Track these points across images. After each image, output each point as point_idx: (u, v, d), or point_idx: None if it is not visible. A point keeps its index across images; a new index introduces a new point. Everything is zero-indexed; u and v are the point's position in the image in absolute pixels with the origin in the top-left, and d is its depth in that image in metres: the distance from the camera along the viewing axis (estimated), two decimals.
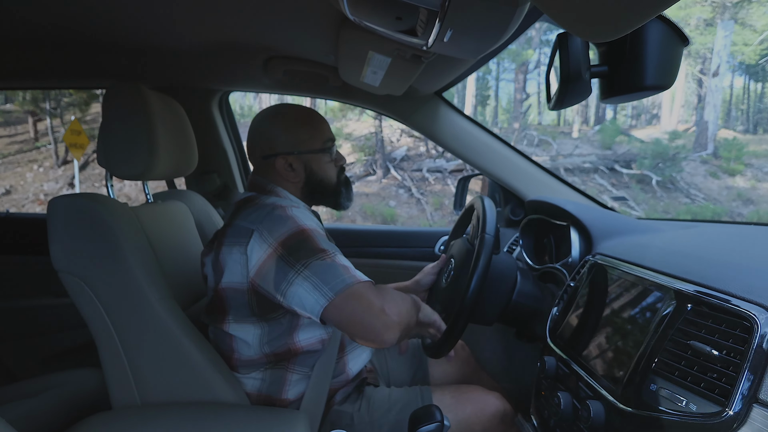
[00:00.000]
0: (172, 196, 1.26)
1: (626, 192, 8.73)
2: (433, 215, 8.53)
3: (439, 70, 1.11)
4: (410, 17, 0.62)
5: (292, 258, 0.81)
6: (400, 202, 8.83)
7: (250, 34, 1.08)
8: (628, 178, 9.07)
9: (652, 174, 8.83)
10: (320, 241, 0.84)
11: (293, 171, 0.98)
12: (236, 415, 0.85)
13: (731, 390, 0.51)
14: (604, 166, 9.35)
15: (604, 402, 0.66)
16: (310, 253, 0.81)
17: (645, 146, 9.67)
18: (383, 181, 9.43)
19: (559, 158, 9.79)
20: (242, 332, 0.91)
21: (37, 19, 0.97)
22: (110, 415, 0.88)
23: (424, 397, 1.00)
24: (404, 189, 9.18)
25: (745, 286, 0.57)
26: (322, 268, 0.80)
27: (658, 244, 0.86)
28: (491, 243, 0.90)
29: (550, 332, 0.90)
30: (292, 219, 0.85)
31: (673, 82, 0.63)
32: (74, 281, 0.86)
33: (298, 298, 0.81)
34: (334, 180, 1.03)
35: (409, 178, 9.38)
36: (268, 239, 0.83)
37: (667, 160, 8.97)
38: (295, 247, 0.82)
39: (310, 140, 0.98)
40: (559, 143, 10.47)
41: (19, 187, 8.50)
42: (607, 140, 10.23)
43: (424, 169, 9.50)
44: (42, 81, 1.60)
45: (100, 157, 0.96)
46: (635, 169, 9.10)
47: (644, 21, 0.34)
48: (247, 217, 0.87)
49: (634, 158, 9.30)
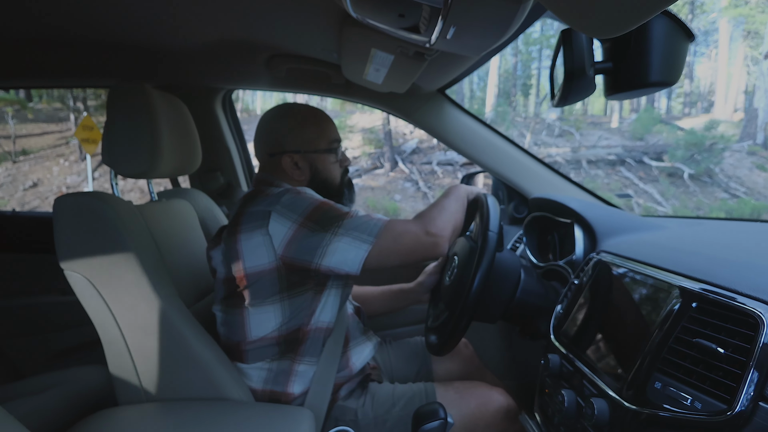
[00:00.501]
0: (176, 195, 1.27)
1: (654, 186, 8.20)
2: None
3: (442, 67, 1.11)
4: (413, 14, 0.62)
5: (322, 226, 0.86)
6: (405, 195, 8.75)
7: (253, 33, 1.08)
8: (657, 171, 8.54)
9: (683, 166, 8.25)
10: (340, 207, 0.90)
11: (299, 169, 1.00)
12: (242, 412, 0.86)
13: (737, 388, 0.50)
14: (632, 159, 8.79)
15: (608, 400, 0.66)
16: (338, 218, 0.87)
17: (685, 136, 8.87)
18: (390, 174, 9.36)
19: (582, 149, 9.39)
20: (260, 314, 0.92)
21: (41, 18, 0.97)
22: (116, 411, 0.88)
23: (428, 393, 1.00)
24: (411, 182, 9.10)
25: (751, 284, 0.57)
26: (354, 224, 0.87)
27: (662, 242, 0.85)
28: (494, 240, 0.89)
29: (553, 330, 0.89)
30: (308, 196, 0.90)
31: (679, 78, 0.62)
32: (79, 279, 0.86)
33: (339, 254, 0.85)
34: (337, 180, 1.05)
35: (417, 172, 9.28)
36: (291, 216, 0.87)
37: (703, 151, 8.31)
38: (322, 217, 0.87)
39: (317, 140, 1.00)
40: (586, 134, 9.97)
41: (46, 180, 8.97)
42: (639, 130, 9.56)
43: (434, 163, 9.39)
44: (46, 80, 1.61)
45: (104, 155, 0.96)
46: (666, 162, 8.51)
47: (649, 17, 0.33)
48: (260, 203, 0.90)
49: (666, 150, 8.70)
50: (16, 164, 9.31)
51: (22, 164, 9.35)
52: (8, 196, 8.50)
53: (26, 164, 9.37)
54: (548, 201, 1.21)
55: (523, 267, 1.03)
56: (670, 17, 0.60)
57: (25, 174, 9.06)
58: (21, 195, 8.53)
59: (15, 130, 9.67)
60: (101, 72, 1.43)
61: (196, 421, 0.83)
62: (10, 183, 8.85)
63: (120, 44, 1.16)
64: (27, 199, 8.45)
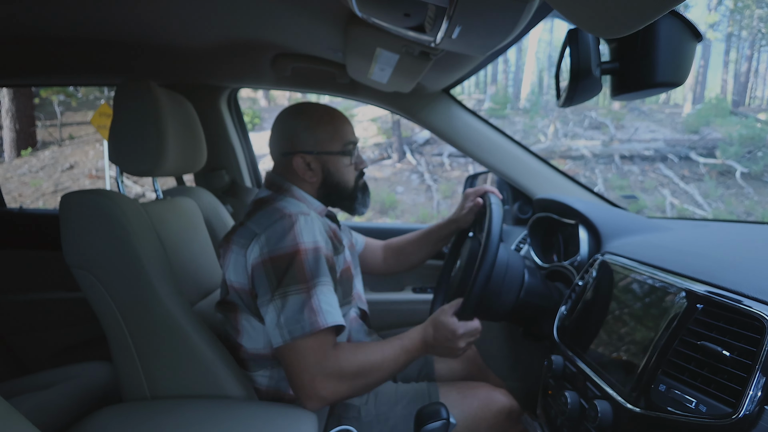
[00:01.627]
0: (181, 193, 1.27)
1: (696, 185, 7.18)
2: (440, 204, 8.03)
3: (448, 67, 1.11)
4: (418, 14, 0.62)
5: (275, 279, 0.82)
6: (409, 188, 8.46)
7: (258, 32, 1.08)
8: (706, 168, 7.51)
9: (736, 164, 7.15)
10: (309, 266, 0.83)
11: (311, 170, 0.97)
12: (245, 410, 0.86)
13: (742, 391, 0.50)
14: (675, 154, 7.77)
15: (611, 402, 0.65)
16: (292, 281, 0.82)
17: (740, 130, 7.61)
18: (398, 165, 9.09)
19: (614, 143, 8.37)
20: (251, 328, 0.92)
21: (49, 16, 0.98)
22: (120, 408, 0.89)
23: (431, 393, 1.00)
24: (418, 174, 8.76)
25: (757, 287, 0.56)
26: (293, 305, 0.81)
27: (668, 244, 0.85)
28: (497, 238, 0.89)
29: (557, 331, 0.89)
30: (293, 235, 0.84)
31: (686, 78, 0.62)
32: (86, 276, 0.87)
33: (267, 321, 0.83)
34: (351, 184, 1.02)
35: (425, 164, 8.92)
36: (264, 248, 0.84)
37: (761, 147, 7.24)
38: (282, 268, 0.82)
39: (330, 141, 0.97)
40: (628, 126, 8.88)
41: (81, 163, 9.41)
42: (695, 123, 8.30)
43: (445, 154, 9.03)
44: (53, 77, 1.62)
45: (111, 153, 0.97)
46: (719, 158, 7.42)
47: (657, 16, 0.33)
48: (257, 220, 0.88)
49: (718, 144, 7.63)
50: (60, 148, 9.93)
51: (66, 148, 9.93)
52: (47, 177, 8.91)
53: (69, 148, 9.96)
54: (553, 202, 1.20)
55: (527, 268, 1.03)
56: (677, 17, 0.59)
57: (66, 157, 9.59)
58: (58, 176, 8.99)
59: (64, 118, 10.41)
60: (108, 70, 1.44)
61: (199, 418, 0.83)
62: (51, 165, 9.31)
63: (128, 43, 1.17)
64: (62, 179, 8.89)
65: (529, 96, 11.64)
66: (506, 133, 1.43)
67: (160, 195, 1.17)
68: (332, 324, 0.81)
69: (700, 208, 6.98)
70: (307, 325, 0.80)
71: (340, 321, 0.83)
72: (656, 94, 0.67)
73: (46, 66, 1.40)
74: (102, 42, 1.16)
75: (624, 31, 0.36)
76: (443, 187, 8.31)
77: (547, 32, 14.31)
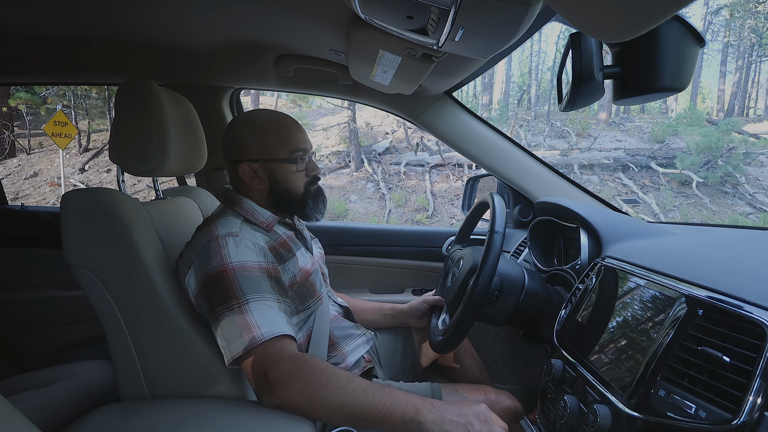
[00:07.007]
0: (182, 193, 1.27)
1: (655, 195, 7.42)
2: (392, 212, 8.10)
3: (450, 69, 1.11)
4: (421, 16, 0.62)
5: (209, 302, 0.83)
6: (362, 196, 8.50)
7: (261, 33, 1.08)
8: (666, 178, 7.73)
9: (692, 174, 7.39)
10: (237, 284, 0.82)
11: (257, 178, 0.97)
12: (243, 410, 0.86)
13: (742, 397, 0.50)
14: (635, 164, 7.98)
15: (611, 406, 0.65)
16: (222, 300, 0.81)
17: (700, 140, 7.63)
18: (354, 174, 9.12)
19: (573, 152, 8.58)
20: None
21: (51, 16, 0.99)
22: (119, 406, 0.89)
23: (434, 393, 1.00)
24: (373, 183, 8.83)
25: (757, 293, 0.56)
26: (227, 324, 0.80)
27: (669, 248, 0.85)
28: (500, 240, 0.89)
29: (557, 335, 0.89)
30: (220, 255, 0.84)
31: (688, 83, 0.62)
32: (86, 275, 0.87)
33: (219, 339, 0.83)
34: (300, 190, 1.00)
35: (381, 172, 8.95)
36: (198, 273, 0.85)
37: (719, 157, 7.39)
38: (212, 289, 0.83)
39: (276, 149, 0.96)
40: (600, 135, 9.10)
41: (45, 171, 9.65)
42: (661, 132, 8.56)
43: (402, 163, 9.08)
44: (54, 77, 1.63)
45: (111, 153, 0.97)
46: (679, 168, 7.65)
47: (660, 21, 0.33)
48: (193, 245, 0.89)
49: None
50: (28, 156, 10.19)
51: (33, 156, 10.18)
52: (10, 184, 9.12)
53: (37, 156, 10.20)
54: (554, 205, 1.20)
55: (527, 271, 1.03)
56: (680, 22, 0.59)
57: (32, 165, 9.82)
58: (21, 183, 9.20)
59: (33, 127, 10.73)
60: (109, 70, 1.44)
61: (197, 418, 0.83)
62: (16, 173, 9.55)
63: (130, 43, 1.17)
64: (24, 187, 9.12)
65: (500, 101, 11.75)
66: (508, 136, 1.43)
67: (161, 194, 1.17)
68: (270, 336, 0.79)
69: (656, 218, 7.01)
70: (243, 342, 0.79)
71: (280, 332, 0.81)
72: (658, 99, 0.67)
73: (49, 65, 1.40)
74: (104, 42, 1.16)
75: (627, 36, 0.37)
76: (396, 196, 8.43)
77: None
